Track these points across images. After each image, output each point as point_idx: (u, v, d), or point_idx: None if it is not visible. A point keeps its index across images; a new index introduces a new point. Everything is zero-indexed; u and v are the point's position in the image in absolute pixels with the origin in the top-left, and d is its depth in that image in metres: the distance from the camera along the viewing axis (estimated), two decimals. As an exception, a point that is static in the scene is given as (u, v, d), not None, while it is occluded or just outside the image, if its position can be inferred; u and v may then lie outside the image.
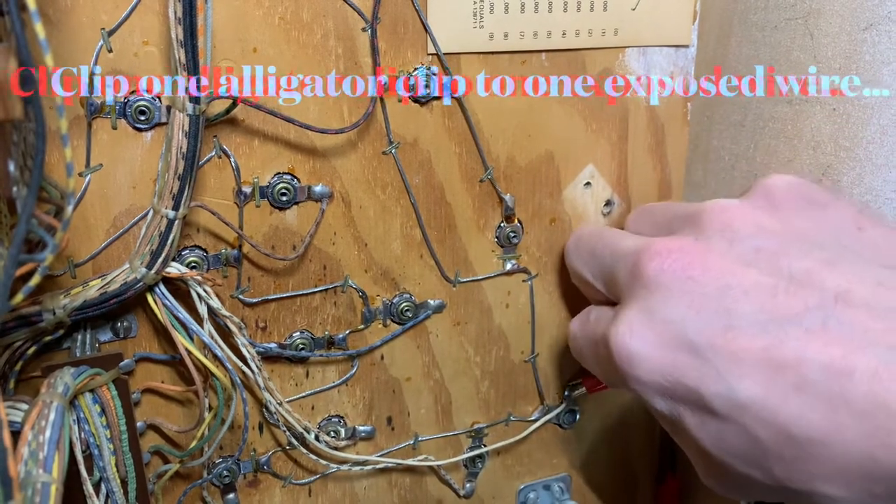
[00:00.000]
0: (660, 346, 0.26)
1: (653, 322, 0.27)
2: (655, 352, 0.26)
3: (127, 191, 0.29)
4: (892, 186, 0.32)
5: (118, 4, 0.27)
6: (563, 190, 0.36)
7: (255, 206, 0.31)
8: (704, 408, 0.26)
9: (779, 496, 0.26)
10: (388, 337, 0.36)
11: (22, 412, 0.25)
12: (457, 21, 0.32)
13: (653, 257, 0.28)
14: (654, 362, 0.27)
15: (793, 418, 0.24)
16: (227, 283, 0.32)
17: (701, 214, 0.28)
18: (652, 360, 0.27)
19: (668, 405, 0.27)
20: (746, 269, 0.26)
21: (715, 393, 0.25)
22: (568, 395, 0.40)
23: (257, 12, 0.29)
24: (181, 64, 0.26)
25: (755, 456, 0.25)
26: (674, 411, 0.27)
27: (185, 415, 0.33)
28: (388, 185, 0.33)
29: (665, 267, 0.27)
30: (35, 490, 0.21)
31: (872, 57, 0.31)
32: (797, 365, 0.24)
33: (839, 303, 0.24)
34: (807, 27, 0.33)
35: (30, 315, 0.27)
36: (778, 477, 0.25)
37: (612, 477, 0.44)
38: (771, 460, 0.25)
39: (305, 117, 0.30)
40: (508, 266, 0.37)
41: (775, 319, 0.25)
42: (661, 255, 0.27)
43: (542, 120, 0.35)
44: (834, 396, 0.23)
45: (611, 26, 0.34)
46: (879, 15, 0.31)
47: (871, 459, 0.23)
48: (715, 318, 0.26)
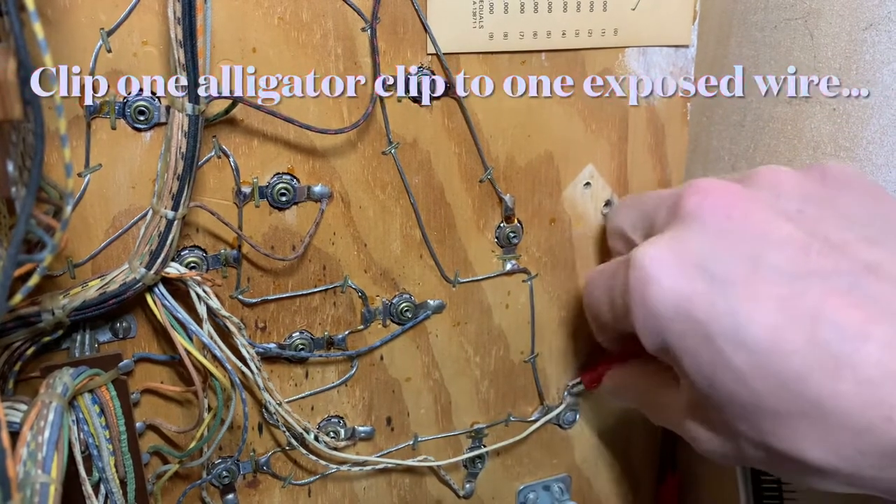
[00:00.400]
0: (679, 272, 0.26)
1: (679, 248, 0.26)
2: (673, 276, 0.26)
3: (126, 191, 0.29)
4: (893, 186, 0.32)
5: (117, 4, 0.27)
6: (562, 190, 0.36)
7: (255, 207, 0.31)
8: (707, 343, 0.25)
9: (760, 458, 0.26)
10: (388, 337, 0.35)
11: (21, 412, 0.25)
12: (457, 21, 0.31)
13: (696, 192, 0.27)
14: (669, 285, 0.26)
15: (795, 372, 0.23)
16: (226, 283, 0.32)
17: (754, 173, 0.28)
18: (668, 282, 0.26)
19: (668, 336, 0.26)
20: (785, 223, 0.26)
21: (722, 330, 0.24)
22: (568, 395, 0.40)
23: (257, 12, 0.29)
24: (180, 64, 0.26)
25: (747, 406, 0.24)
26: (671, 343, 0.26)
27: (185, 415, 0.33)
28: (388, 186, 0.33)
29: (706, 203, 0.27)
30: (34, 490, 0.21)
31: (872, 57, 0.31)
32: (813, 319, 0.23)
33: (870, 274, 0.24)
34: (807, 27, 0.33)
35: (29, 315, 0.27)
36: (765, 433, 0.24)
37: (612, 477, 0.44)
38: (762, 414, 0.24)
39: (305, 117, 0.30)
40: (508, 266, 0.37)
41: (802, 274, 0.24)
42: (705, 192, 0.27)
43: (541, 120, 0.35)
44: (843, 358, 0.22)
45: (611, 26, 0.34)
46: (879, 15, 0.31)
47: (868, 430, 0.22)
48: (743, 259, 0.25)
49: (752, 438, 0.25)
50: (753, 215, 0.26)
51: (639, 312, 0.27)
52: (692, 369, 0.26)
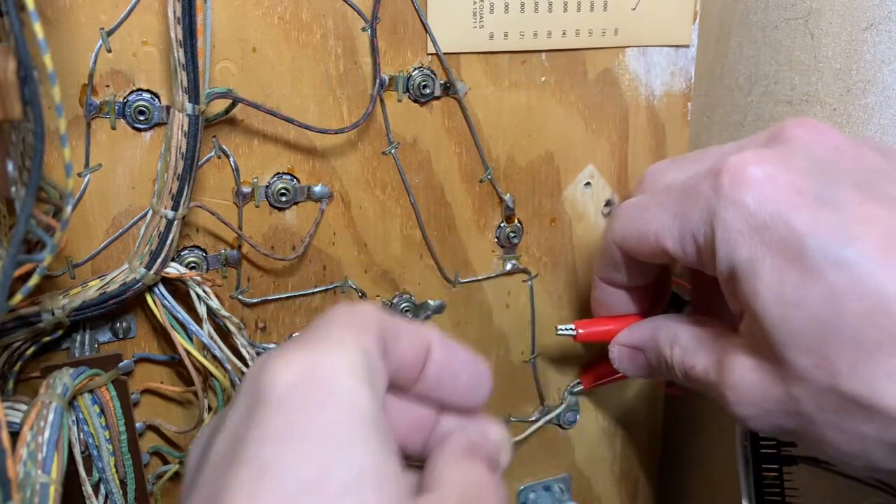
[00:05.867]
0: (784, 182, 0.23)
1: (786, 163, 0.24)
2: (776, 183, 0.24)
3: (126, 191, 0.29)
4: (893, 186, 0.32)
5: (117, 4, 0.27)
6: (563, 190, 0.36)
7: (255, 207, 0.31)
8: (797, 259, 0.23)
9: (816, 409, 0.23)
10: (388, 337, 0.35)
11: (21, 413, 0.25)
12: (457, 21, 0.31)
13: (803, 124, 0.26)
14: (769, 191, 0.23)
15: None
16: (226, 283, 0.32)
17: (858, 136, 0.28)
18: (769, 188, 0.23)
19: (752, 250, 0.24)
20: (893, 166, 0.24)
21: (822, 245, 0.22)
22: (568, 395, 0.40)
23: (257, 12, 0.29)
24: (180, 64, 0.26)
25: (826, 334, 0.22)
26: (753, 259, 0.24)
27: (185, 415, 0.33)
28: (388, 186, 0.33)
29: (815, 132, 0.25)
30: (34, 491, 0.21)
31: (872, 57, 0.31)
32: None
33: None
34: (807, 27, 0.33)
35: (29, 315, 0.27)
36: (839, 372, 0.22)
37: (612, 477, 0.44)
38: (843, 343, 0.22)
39: (305, 117, 0.30)
40: (508, 266, 0.37)
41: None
42: (813, 125, 0.26)
43: (542, 120, 0.35)
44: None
45: (611, 26, 0.34)
46: (879, 15, 0.31)
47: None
48: (853, 182, 0.23)
49: (820, 380, 0.23)
50: (865, 154, 0.25)
51: (728, 217, 0.24)
52: (768, 291, 0.23)
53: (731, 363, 0.26)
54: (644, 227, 0.28)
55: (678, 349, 0.29)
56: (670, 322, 0.30)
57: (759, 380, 0.25)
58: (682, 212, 0.26)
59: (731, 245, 0.24)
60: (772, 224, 0.23)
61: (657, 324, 0.31)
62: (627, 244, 0.30)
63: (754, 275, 0.24)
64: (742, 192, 0.24)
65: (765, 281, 0.23)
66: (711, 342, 0.28)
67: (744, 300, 0.25)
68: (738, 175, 0.24)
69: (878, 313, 0.21)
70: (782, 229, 0.23)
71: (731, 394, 0.26)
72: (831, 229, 0.22)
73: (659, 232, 0.28)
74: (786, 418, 0.24)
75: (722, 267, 0.25)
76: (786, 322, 0.23)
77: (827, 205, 0.23)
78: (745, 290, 0.24)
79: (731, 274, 0.25)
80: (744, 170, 0.24)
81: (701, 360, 0.28)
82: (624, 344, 0.33)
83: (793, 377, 0.23)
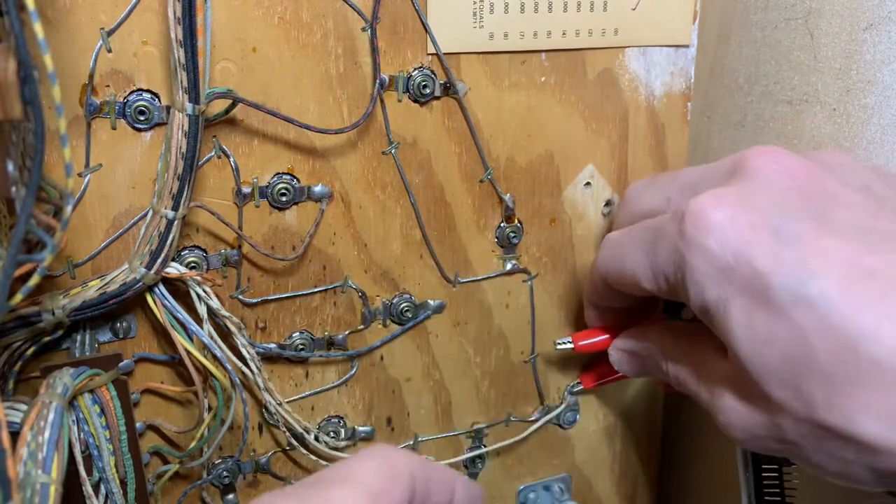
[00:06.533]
0: (743, 222, 0.24)
1: (744, 202, 0.25)
2: (736, 225, 0.24)
3: (126, 191, 0.29)
4: (893, 186, 0.32)
5: (117, 4, 0.27)
6: (563, 190, 0.36)
7: (255, 207, 0.31)
8: (763, 298, 0.23)
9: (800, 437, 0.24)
10: (388, 337, 0.35)
11: (21, 413, 0.25)
12: (457, 21, 0.31)
13: (762, 153, 0.26)
14: (730, 233, 0.24)
15: (865, 330, 0.21)
16: (226, 283, 0.32)
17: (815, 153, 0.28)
18: (730, 230, 0.24)
19: (720, 291, 0.24)
20: (851, 192, 0.25)
21: (785, 283, 0.23)
22: (568, 395, 0.40)
23: (257, 12, 0.29)
24: (181, 64, 0.26)
25: (799, 369, 0.23)
26: (723, 300, 0.24)
27: (185, 415, 0.33)
28: (388, 186, 0.33)
29: (773, 161, 0.26)
30: (34, 491, 0.21)
31: (872, 57, 0.31)
32: (887, 275, 0.22)
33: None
34: (807, 27, 0.33)
35: (29, 315, 0.27)
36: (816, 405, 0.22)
37: (612, 477, 0.44)
38: (816, 378, 0.22)
39: (305, 117, 0.30)
40: (508, 266, 0.37)
41: (873, 231, 0.23)
42: (772, 153, 0.26)
43: (542, 120, 0.35)
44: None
45: (611, 26, 0.34)
46: (879, 15, 0.31)
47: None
48: (810, 215, 0.24)
49: (798, 412, 0.23)
50: (820, 179, 0.25)
51: (694, 262, 0.25)
52: (740, 330, 0.24)
53: (720, 390, 0.27)
54: (622, 264, 0.30)
55: (671, 364, 0.30)
56: (664, 334, 0.32)
57: (746, 408, 0.26)
58: (653, 251, 0.28)
59: (700, 287, 0.25)
60: (736, 265, 0.24)
61: (651, 335, 0.32)
62: (610, 278, 0.31)
63: (726, 314, 0.25)
64: (704, 236, 0.25)
65: (736, 320, 0.24)
66: (701, 364, 0.28)
67: (720, 336, 0.25)
68: (699, 219, 0.25)
69: (843, 350, 0.22)
70: (746, 269, 0.24)
71: (722, 418, 0.27)
72: (792, 267, 0.23)
73: (634, 270, 0.29)
74: (774, 443, 0.25)
75: (696, 306, 0.26)
76: (760, 358, 0.24)
77: (785, 240, 0.24)
78: (720, 328, 0.25)
79: (704, 311, 0.26)
80: (704, 213, 0.25)
81: (692, 381, 0.29)
82: (621, 349, 0.34)
83: (774, 408, 0.24)
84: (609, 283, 0.32)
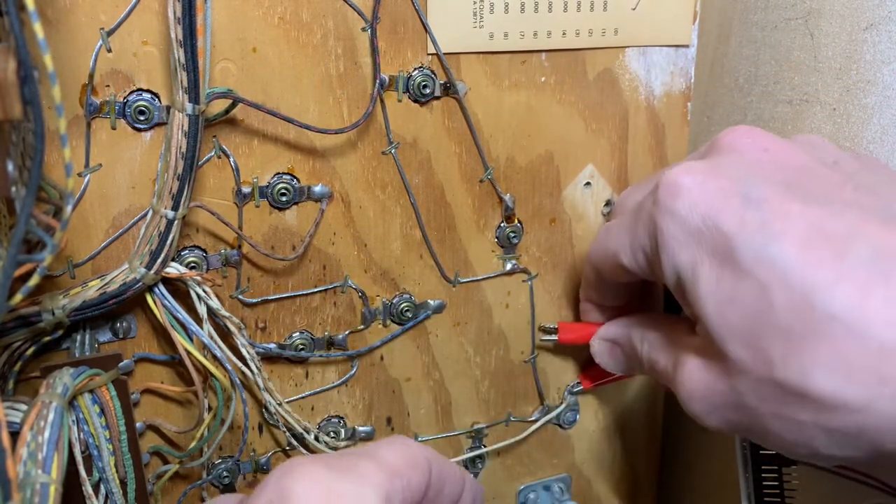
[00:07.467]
0: (711, 187, 0.25)
1: (714, 170, 0.26)
2: (705, 189, 0.25)
3: (126, 191, 0.29)
4: (893, 186, 0.32)
5: (117, 4, 0.27)
6: (563, 190, 0.36)
7: (255, 207, 0.31)
8: (729, 260, 0.24)
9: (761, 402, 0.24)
10: (388, 337, 0.35)
11: (21, 413, 0.25)
12: (457, 21, 0.31)
13: (734, 131, 0.28)
14: (698, 197, 0.25)
15: (822, 285, 0.22)
16: (226, 283, 0.32)
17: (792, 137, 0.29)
18: (698, 194, 0.25)
19: (689, 254, 0.25)
20: (821, 166, 0.26)
21: (748, 244, 0.24)
22: (568, 395, 0.40)
23: (257, 12, 0.29)
24: (181, 64, 0.26)
25: (758, 327, 0.23)
26: (692, 263, 0.25)
27: (185, 415, 0.33)
28: (388, 185, 0.33)
29: (744, 137, 0.27)
30: (34, 491, 0.21)
31: (872, 57, 0.31)
32: (847, 238, 0.23)
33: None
34: (807, 27, 0.33)
35: (29, 315, 0.27)
36: (773, 363, 0.23)
37: (612, 477, 0.44)
38: (774, 335, 0.23)
39: (305, 117, 0.30)
40: (508, 266, 0.37)
41: (838, 200, 0.24)
42: (743, 131, 0.27)
43: (542, 120, 0.35)
44: (875, 276, 0.22)
45: (611, 26, 0.34)
46: (879, 15, 0.31)
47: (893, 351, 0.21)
48: (778, 184, 0.25)
49: (757, 371, 0.24)
50: (792, 152, 0.26)
51: (665, 227, 0.26)
52: (707, 292, 0.25)
53: (684, 361, 0.27)
54: (606, 245, 0.31)
55: (647, 345, 0.31)
56: (645, 319, 0.33)
57: (706, 377, 0.26)
58: (632, 228, 0.29)
59: (671, 253, 0.26)
60: (704, 228, 0.25)
61: (634, 321, 0.33)
62: (597, 264, 0.32)
63: (695, 277, 0.25)
64: (675, 201, 0.26)
65: (704, 281, 0.25)
66: (673, 341, 0.29)
67: (689, 303, 0.26)
68: (670, 186, 0.26)
69: (801, 305, 0.23)
70: (713, 232, 0.25)
71: (683, 390, 0.27)
72: (756, 228, 0.24)
73: (616, 249, 0.30)
74: (733, 413, 0.26)
75: (668, 274, 0.27)
76: (723, 318, 0.25)
77: (752, 204, 0.24)
78: (688, 293, 0.26)
79: (676, 280, 0.27)
80: (675, 180, 0.26)
81: (662, 357, 0.30)
82: (603, 338, 0.35)
83: (734, 371, 0.25)
84: (598, 271, 0.33)
